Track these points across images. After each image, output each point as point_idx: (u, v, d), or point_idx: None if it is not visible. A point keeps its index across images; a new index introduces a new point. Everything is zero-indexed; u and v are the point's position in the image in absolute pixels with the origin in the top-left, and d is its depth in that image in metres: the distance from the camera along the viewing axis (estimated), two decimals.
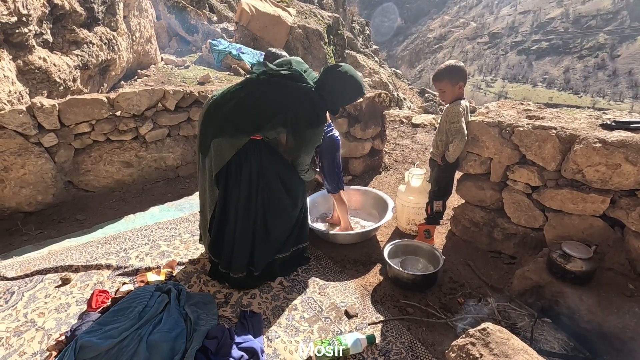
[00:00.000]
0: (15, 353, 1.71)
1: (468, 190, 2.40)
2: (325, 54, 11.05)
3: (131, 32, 6.21)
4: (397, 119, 5.31)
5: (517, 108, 2.35)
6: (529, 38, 67.91)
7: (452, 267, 2.28)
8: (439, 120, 2.38)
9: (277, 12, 10.50)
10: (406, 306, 1.97)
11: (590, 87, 54.67)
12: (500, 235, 2.31)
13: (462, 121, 2.15)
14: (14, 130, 2.70)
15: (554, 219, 2.00)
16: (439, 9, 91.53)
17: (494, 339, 1.23)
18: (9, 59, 3.33)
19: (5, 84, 3.14)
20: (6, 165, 2.73)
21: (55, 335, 1.80)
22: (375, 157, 3.57)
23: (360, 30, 17.77)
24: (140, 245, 2.54)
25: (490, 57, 68.72)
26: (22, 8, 3.22)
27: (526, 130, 1.98)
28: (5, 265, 2.34)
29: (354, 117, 3.34)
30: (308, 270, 2.27)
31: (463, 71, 2.17)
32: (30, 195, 2.89)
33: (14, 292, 2.10)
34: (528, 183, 2.08)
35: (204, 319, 1.83)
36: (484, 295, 2.02)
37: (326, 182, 2.51)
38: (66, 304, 2.01)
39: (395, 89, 13.20)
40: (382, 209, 2.73)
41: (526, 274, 1.88)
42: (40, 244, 2.57)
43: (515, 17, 73.62)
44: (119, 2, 5.50)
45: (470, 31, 76.91)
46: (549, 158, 1.92)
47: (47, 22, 3.88)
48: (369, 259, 2.39)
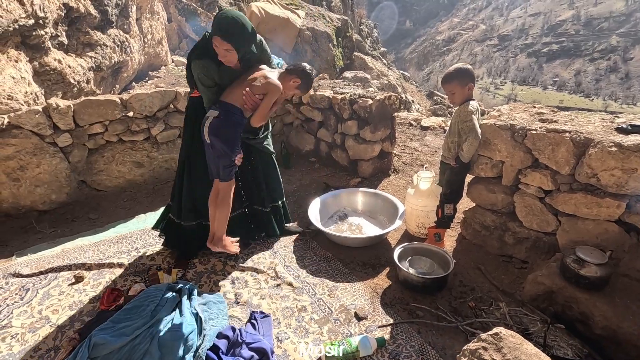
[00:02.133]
0: (30, 349, 1.74)
1: (479, 194, 2.39)
2: (333, 56, 11.08)
3: (143, 34, 6.30)
4: (405, 122, 5.29)
5: (529, 111, 2.33)
6: (539, 40, 67.18)
7: (462, 271, 2.26)
8: (450, 123, 2.37)
9: (286, 14, 10.56)
10: (416, 309, 1.96)
11: (601, 90, 53.85)
12: (512, 239, 2.29)
13: (474, 119, 2.16)
14: (30, 130, 2.76)
15: (567, 224, 1.97)
16: (447, 11, 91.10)
17: (506, 344, 1.22)
18: (26, 61, 3.40)
19: (22, 85, 3.21)
20: (22, 165, 2.79)
21: (68, 332, 1.83)
22: (384, 160, 3.57)
23: (368, 32, 17.77)
24: (152, 244, 2.57)
25: (499, 59, 68.12)
26: (39, 11, 3.29)
27: (539, 133, 1.96)
28: (21, 262, 2.39)
29: (363, 119, 3.34)
30: (317, 271, 2.28)
31: (472, 73, 2.22)
32: (45, 194, 2.95)
33: (28, 289, 2.14)
34: (541, 187, 2.05)
35: (215, 319, 1.85)
36: (495, 299, 2.00)
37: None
38: (79, 302, 2.04)
39: (403, 91, 13.17)
40: (392, 213, 2.72)
41: (538, 279, 1.86)
42: (54, 242, 2.62)
43: (526, 19, 72.94)
44: (132, 5, 5.59)
45: (479, 33, 76.40)
46: (562, 162, 1.90)
47: (63, 25, 3.96)
48: (378, 261, 2.38)
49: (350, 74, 10.63)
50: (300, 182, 3.58)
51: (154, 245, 2.56)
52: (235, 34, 1.83)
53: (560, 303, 1.76)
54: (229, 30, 1.81)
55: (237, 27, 1.84)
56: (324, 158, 3.93)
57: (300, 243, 2.58)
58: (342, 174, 3.68)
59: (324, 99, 3.63)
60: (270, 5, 10.72)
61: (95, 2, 4.51)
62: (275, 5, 10.83)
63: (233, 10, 1.91)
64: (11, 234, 2.76)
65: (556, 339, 1.64)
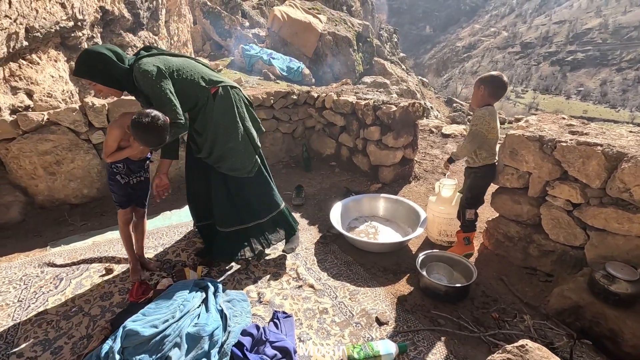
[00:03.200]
0: (64, 336, 1.82)
1: (503, 204, 2.37)
2: (353, 61, 11.12)
3: (170, 36, 6.50)
4: (426, 129, 5.27)
5: (558, 122, 2.31)
6: (564, 49, 65.54)
7: (485, 281, 2.24)
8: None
9: (308, 18, 10.68)
10: (437, 317, 1.96)
11: (629, 101, 52.03)
12: (537, 252, 2.26)
13: (480, 126, 2.20)
14: (67, 127, 2.90)
15: (596, 238, 1.94)
16: (469, 18, 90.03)
17: (532, 357, 1.21)
18: (64, 60, 3.56)
19: (60, 84, 3.37)
20: (58, 160, 2.92)
21: (100, 321, 1.91)
22: (405, 166, 3.57)
23: (388, 37, 17.76)
24: (177, 241, 2.65)
25: (521, 67, 66.75)
26: (78, 14, 3.45)
27: (570, 146, 1.94)
28: (55, 253, 2.50)
29: (386, 125, 3.36)
30: (338, 275, 2.30)
31: (490, 80, 2.20)
32: (77, 189, 3.08)
33: (62, 279, 2.24)
34: (569, 200, 2.03)
35: (239, 316, 1.90)
36: (519, 311, 1.98)
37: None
38: (110, 293, 2.13)
39: (422, 97, 13.09)
40: (413, 220, 2.72)
41: (565, 293, 1.84)
42: (85, 235, 2.73)
43: (550, 27, 71.31)
44: (162, 8, 5.78)
45: (501, 40, 75.09)
46: (593, 175, 1.87)
47: (98, 27, 4.13)
48: (399, 267, 2.39)
49: (369, 79, 10.65)
50: (320, 186, 3.61)
51: (179, 242, 2.64)
52: (84, 71, 1.83)
53: (588, 318, 1.74)
54: (79, 68, 1.83)
55: (86, 64, 1.82)
56: (344, 162, 3.96)
57: (321, 246, 2.61)
58: (362, 178, 3.70)
59: (347, 104, 3.67)
60: (293, 10, 10.86)
61: (129, 6, 4.69)
62: (297, 10, 10.97)
63: (93, 46, 1.89)
64: (45, 225, 2.89)
65: (582, 355, 1.61)
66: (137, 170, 2.14)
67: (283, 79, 8.65)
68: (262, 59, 8.85)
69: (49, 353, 1.72)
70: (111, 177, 2.08)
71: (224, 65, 8.88)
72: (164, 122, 1.78)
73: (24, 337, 1.81)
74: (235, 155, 2.14)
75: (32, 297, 2.08)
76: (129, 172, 2.10)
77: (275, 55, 9.22)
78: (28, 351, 1.73)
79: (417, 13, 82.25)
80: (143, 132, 1.76)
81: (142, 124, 1.74)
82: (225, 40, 10.29)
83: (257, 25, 11.52)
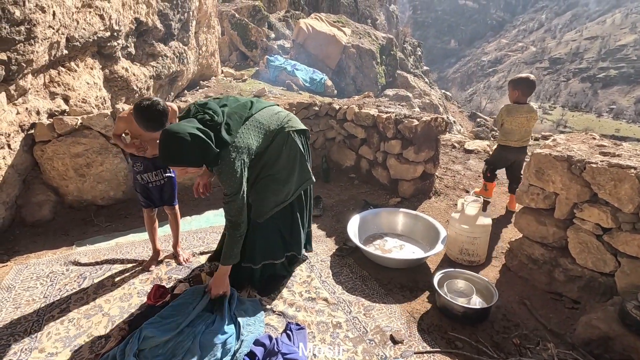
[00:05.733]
0: (84, 334, 1.88)
1: (528, 224, 2.29)
2: (376, 74, 11.16)
3: (199, 46, 6.73)
4: (448, 143, 5.19)
5: (588, 142, 2.22)
6: (595, 65, 63.40)
7: (506, 304, 2.16)
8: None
9: (332, 31, 10.83)
10: (455, 339, 1.89)
11: None
12: (562, 276, 2.16)
13: (498, 116, 3.13)
14: (98, 131, 3.03)
15: (628, 265, 1.84)
16: (495, 32, 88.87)
17: None
18: (99, 68, 3.75)
19: (94, 90, 3.54)
20: (88, 162, 3.06)
21: (119, 322, 1.95)
22: (426, 181, 3.52)
23: (411, 50, 17.76)
24: (196, 246, 2.70)
25: (549, 83, 64.94)
26: (115, 25, 3.64)
27: (600, 167, 1.86)
28: (80, 252, 2.60)
29: (407, 139, 3.33)
30: (353, 289, 2.27)
31: (524, 82, 2.96)
32: (104, 191, 3.20)
33: (85, 277, 2.32)
34: (598, 223, 1.93)
35: (252, 325, 1.90)
36: (542, 339, 1.88)
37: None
38: (129, 294, 2.18)
39: (445, 111, 12.93)
40: (432, 236, 2.66)
41: (593, 322, 1.74)
42: (109, 236, 2.83)
43: (580, 43, 69.30)
44: (193, 20, 6.01)
45: (528, 55, 73.54)
46: (625, 199, 1.79)
47: (132, 37, 4.34)
48: (416, 284, 2.33)
49: (391, 91, 10.64)
50: (339, 197, 3.61)
51: (198, 247, 2.69)
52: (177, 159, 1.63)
53: (618, 351, 1.63)
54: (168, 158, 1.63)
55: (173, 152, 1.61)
56: (364, 175, 3.95)
57: (337, 259, 2.59)
58: (381, 192, 3.67)
59: (369, 117, 3.67)
60: (318, 23, 11.06)
61: (162, 17, 4.91)
62: (322, 23, 11.16)
63: (193, 134, 1.59)
64: (72, 225, 3.01)
65: None
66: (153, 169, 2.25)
67: (306, 89, 8.78)
68: (286, 69, 9.02)
69: (69, 350, 1.77)
70: (135, 177, 2.27)
71: (249, 75, 9.12)
72: (164, 107, 1.89)
73: (46, 332, 1.87)
74: (268, 195, 2.09)
75: (57, 294, 2.16)
76: (146, 170, 2.23)
77: (299, 66, 9.38)
78: (50, 347, 1.79)
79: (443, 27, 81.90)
80: (142, 114, 1.85)
81: (141, 106, 1.85)
82: (252, 51, 10.57)
83: (283, 37, 11.78)
